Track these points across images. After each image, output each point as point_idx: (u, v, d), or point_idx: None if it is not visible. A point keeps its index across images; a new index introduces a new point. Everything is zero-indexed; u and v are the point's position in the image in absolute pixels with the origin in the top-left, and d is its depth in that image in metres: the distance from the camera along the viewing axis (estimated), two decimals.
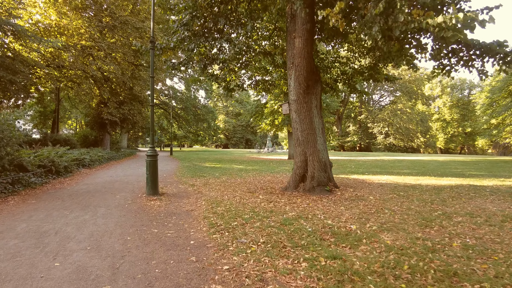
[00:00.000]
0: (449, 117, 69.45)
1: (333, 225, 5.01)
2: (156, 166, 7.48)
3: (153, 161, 7.41)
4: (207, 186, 9.43)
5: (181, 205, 6.56)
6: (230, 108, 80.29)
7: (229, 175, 12.69)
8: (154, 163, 7.43)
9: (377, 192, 8.46)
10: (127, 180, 10.93)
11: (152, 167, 7.37)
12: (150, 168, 7.35)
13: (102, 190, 8.46)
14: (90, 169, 14.73)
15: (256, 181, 10.89)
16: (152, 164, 7.38)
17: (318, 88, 8.89)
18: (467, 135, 69.69)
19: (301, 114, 8.61)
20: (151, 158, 7.40)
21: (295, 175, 8.79)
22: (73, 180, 10.66)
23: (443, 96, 70.45)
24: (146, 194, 7.50)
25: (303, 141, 8.64)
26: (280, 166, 18.11)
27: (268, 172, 14.00)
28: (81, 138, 27.19)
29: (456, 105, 70.43)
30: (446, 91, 71.13)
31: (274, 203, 6.79)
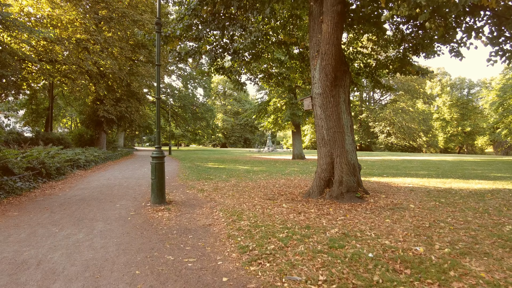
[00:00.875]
0: (448, 116, 68.84)
1: (395, 248, 3.94)
2: (163, 170, 6.37)
3: (159, 164, 6.30)
4: (218, 191, 8.33)
5: (195, 217, 5.46)
6: (229, 106, 79.13)
7: (237, 178, 11.59)
8: (160, 166, 6.32)
9: (414, 199, 7.42)
10: (127, 183, 9.79)
11: (159, 171, 6.26)
12: (156, 173, 6.23)
13: (99, 197, 7.32)
14: (85, 170, 13.56)
15: (270, 184, 9.81)
16: (158, 168, 6.27)
17: (347, 80, 7.82)
18: (466, 135, 69.18)
19: (327, 109, 7.55)
20: (157, 160, 6.29)
21: (319, 180, 7.73)
22: (66, 184, 9.50)
23: (442, 95, 69.84)
24: (151, 203, 6.39)
25: (329, 140, 7.57)
26: (287, 167, 17.04)
27: (279, 174, 12.93)
28: (76, 137, 25.98)
29: (455, 104, 69.89)
30: (446, 90, 70.54)
31: (304, 215, 5.71)
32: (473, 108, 71.81)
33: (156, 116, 6.29)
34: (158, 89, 6.36)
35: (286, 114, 23.19)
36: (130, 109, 24.92)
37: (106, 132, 24.95)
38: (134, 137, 63.21)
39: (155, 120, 34.72)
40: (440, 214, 5.80)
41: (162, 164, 6.34)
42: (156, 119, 6.31)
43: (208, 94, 50.05)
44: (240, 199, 7.18)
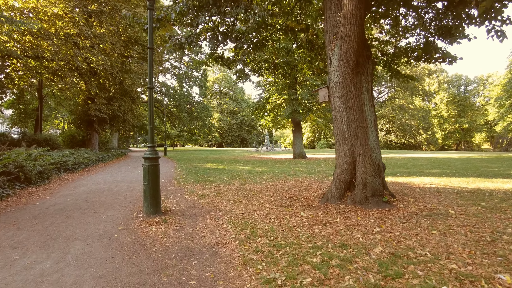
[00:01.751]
0: (446, 113, 68.38)
1: (470, 275, 2.93)
2: (158, 174, 5.31)
3: (153, 167, 5.23)
4: (221, 196, 7.27)
5: (198, 232, 4.41)
6: (225, 106, 78.00)
7: (240, 180, 10.55)
8: (154, 170, 5.25)
9: (448, 202, 6.44)
10: (118, 188, 8.70)
11: (152, 176, 5.20)
12: (150, 177, 5.17)
13: (83, 206, 6.23)
14: (73, 173, 12.43)
15: (278, 187, 8.77)
16: (152, 172, 5.20)
17: (370, 67, 6.82)
18: (464, 132, 68.79)
19: (347, 100, 6.53)
20: (151, 162, 5.22)
21: (339, 182, 6.71)
22: (48, 189, 8.39)
23: (440, 92, 69.36)
24: (144, 213, 5.32)
25: (350, 136, 6.56)
26: (291, 167, 16.02)
27: (284, 175, 11.90)
28: (68, 138, 24.77)
29: (453, 101, 69.51)
30: (443, 87, 70.09)
31: (331, 227, 4.69)
32: (470, 105, 71.55)
33: (148, 111, 5.23)
34: (150, 77, 5.29)
35: (286, 111, 22.16)
36: (123, 108, 23.76)
37: (98, 132, 23.77)
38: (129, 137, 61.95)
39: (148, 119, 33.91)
40: (493, 223, 4.81)
41: (156, 166, 5.28)
42: (149, 113, 5.25)
43: (204, 93, 48.91)
44: (248, 206, 6.13)
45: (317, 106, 24.07)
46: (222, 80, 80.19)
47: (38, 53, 17.28)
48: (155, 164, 5.26)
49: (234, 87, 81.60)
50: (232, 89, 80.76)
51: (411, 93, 55.11)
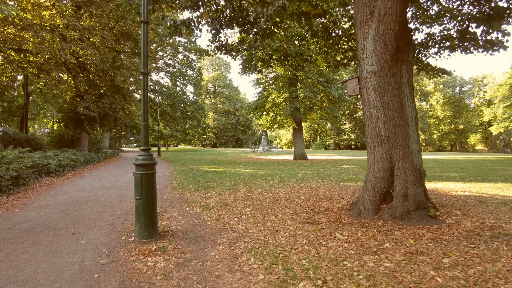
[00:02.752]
0: (441, 114, 68.06)
1: None
2: (154, 185, 4.08)
3: (147, 176, 4.01)
4: (229, 209, 6.07)
5: (210, 270, 3.21)
6: (219, 105, 76.64)
7: (245, 185, 9.36)
8: (149, 180, 4.03)
9: (507, 217, 5.33)
10: (106, 197, 7.43)
11: (147, 188, 3.97)
12: (143, 190, 3.94)
13: (58, 223, 4.96)
14: (57, 177, 11.11)
15: (293, 195, 7.60)
16: (146, 183, 3.98)
17: (410, 54, 5.69)
18: (459, 133, 68.57)
19: (385, 94, 5.40)
20: (144, 170, 3.99)
21: (373, 192, 5.56)
22: (21, 198, 7.09)
23: (435, 93, 69.03)
24: (136, 237, 4.08)
25: (388, 137, 5.43)
26: (295, 169, 14.87)
27: (292, 179, 10.75)
28: (56, 138, 23.24)
29: (448, 102, 69.29)
30: (439, 88, 69.82)
31: (384, 256, 3.53)
32: (465, 106, 71.42)
33: (142, 104, 4.01)
34: (145, 59, 4.05)
35: (287, 110, 21.00)
36: (115, 106, 22.34)
37: (87, 132, 22.32)
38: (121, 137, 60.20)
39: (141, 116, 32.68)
40: None
41: (151, 176, 4.05)
42: (143, 107, 4.02)
43: (199, 92, 47.55)
44: (267, 224, 4.95)
45: (319, 104, 22.99)
46: (217, 79, 78.83)
47: (20, 45, 15.85)
48: (150, 172, 4.03)
49: (229, 86, 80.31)
50: (226, 88, 79.45)
51: None
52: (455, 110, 69.17)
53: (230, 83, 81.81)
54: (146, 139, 4.10)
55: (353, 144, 60.18)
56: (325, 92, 21.66)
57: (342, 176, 11.85)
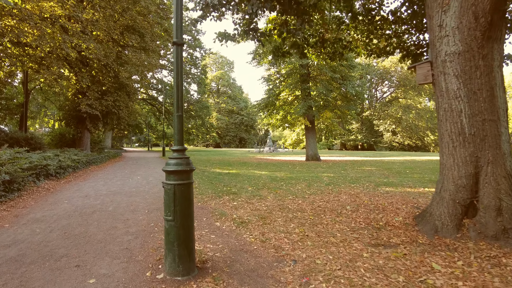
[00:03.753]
0: None
1: None
2: (191, 201, 2.93)
3: (183, 187, 2.85)
4: (270, 224, 4.91)
5: None
6: (223, 105, 75.46)
7: (270, 190, 8.21)
8: (185, 193, 2.87)
9: None
10: (114, 206, 6.27)
11: (182, 205, 2.82)
12: (177, 207, 2.79)
13: (58, 248, 3.79)
14: (57, 180, 9.97)
15: (335, 204, 6.44)
16: (181, 196, 2.83)
17: (503, 30, 4.53)
18: None
19: (472, 80, 4.27)
20: (179, 179, 2.83)
21: (453, 204, 4.42)
22: (14, 208, 5.94)
23: None
24: (167, 273, 2.91)
25: (474, 136, 4.31)
26: (315, 171, 13.71)
27: (320, 184, 9.60)
28: (57, 137, 22.19)
29: None
30: None
31: None
32: None
33: (175, 86, 2.86)
34: (178, 24, 2.91)
35: (301, 108, 19.81)
36: (119, 103, 21.18)
37: (90, 130, 21.18)
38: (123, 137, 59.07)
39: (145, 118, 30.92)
40: None
41: (188, 187, 2.89)
42: (176, 90, 2.88)
43: (203, 90, 46.40)
44: (330, 248, 3.79)
45: (334, 102, 21.84)
46: (220, 78, 77.70)
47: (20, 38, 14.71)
48: (187, 182, 2.88)
49: (232, 85, 79.17)
50: (230, 88, 78.31)
51: (418, 92, 53.12)
52: None
53: (234, 82, 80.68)
54: (181, 136, 2.95)
55: (359, 144, 58.94)
56: (341, 89, 20.49)
57: (373, 180, 10.69)
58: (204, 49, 44.28)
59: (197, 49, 44.12)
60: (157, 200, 6.87)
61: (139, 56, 19.83)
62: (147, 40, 20.18)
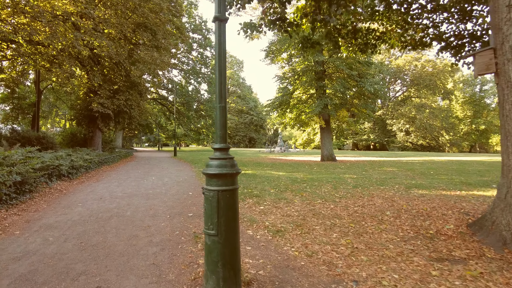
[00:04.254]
0: (461, 114, 65.26)
1: None
2: (237, 210, 2.40)
3: (228, 193, 2.32)
4: (309, 233, 4.37)
5: None
6: (232, 104, 74.99)
7: (295, 193, 7.66)
8: (231, 200, 2.35)
9: None
10: (132, 211, 5.79)
11: (227, 216, 2.30)
12: (222, 218, 2.27)
13: (74, 261, 3.30)
14: (70, 181, 9.58)
15: (372, 210, 5.86)
16: (226, 206, 2.31)
17: None
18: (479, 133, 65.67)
19: None
20: (223, 185, 2.31)
21: None
22: (25, 212, 5.50)
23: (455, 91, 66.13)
24: None
25: None
26: (335, 172, 13.10)
27: (344, 185, 9.02)
28: (68, 137, 21.98)
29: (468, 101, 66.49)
30: (458, 86, 66.80)
31: None
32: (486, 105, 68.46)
33: (217, 73, 2.34)
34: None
35: (317, 107, 19.19)
36: (130, 102, 20.84)
37: (101, 130, 20.89)
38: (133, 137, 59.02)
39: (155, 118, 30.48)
40: None
41: (233, 194, 2.37)
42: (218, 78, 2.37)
43: (214, 90, 45.89)
44: (389, 263, 3.23)
45: (350, 101, 21.18)
46: (230, 78, 77.27)
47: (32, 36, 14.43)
48: (232, 188, 2.35)
49: (241, 85, 78.71)
50: (239, 87, 77.87)
51: (433, 91, 51.89)
52: (475, 110, 66.26)
53: (243, 82, 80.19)
54: (224, 131, 2.42)
55: (371, 144, 57.89)
56: (358, 87, 19.81)
57: (400, 181, 10.05)
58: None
59: (207, 48, 43.74)
60: (176, 203, 6.37)
61: (151, 54, 19.44)
62: (159, 37, 19.80)
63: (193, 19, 41.10)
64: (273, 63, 23.69)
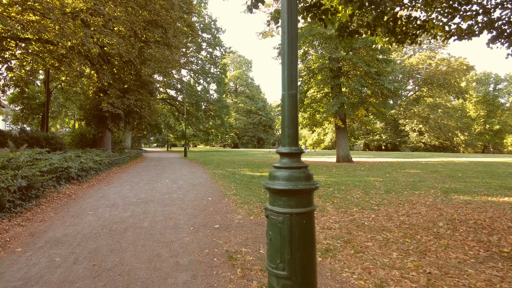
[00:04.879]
0: (474, 113, 63.66)
1: None
2: (314, 240, 1.71)
3: (302, 218, 1.64)
4: (364, 252, 3.66)
5: None
6: (241, 104, 74.39)
7: (324, 199, 6.96)
8: (307, 227, 1.66)
9: None
10: (150, 221, 5.15)
11: (303, 250, 1.62)
12: (296, 253, 1.60)
13: None
14: (79, 184, 9.01)
15: (421, 220, 5.13)
16: (301, 235, 1.63)
17: None
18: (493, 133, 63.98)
19: None
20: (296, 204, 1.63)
21: None
22: (28, 223, 4.89)
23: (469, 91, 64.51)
24: None
25: None
26: (355, 175, 12.35)
27: (374, 189, 8.28)
28: (77, 137, 21.60)
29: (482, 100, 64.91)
30: (471, 85, 65.11)
31: None
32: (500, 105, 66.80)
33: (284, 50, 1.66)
34: None
35: (334, 106, 18.41)
36: (141, 102, 20.29)
37: (111, 130, 20.39)
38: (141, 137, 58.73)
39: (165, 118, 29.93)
40: None
41: (311, 217, 1.68)
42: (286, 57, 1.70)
43: (223, 90, 45.39)
44: None
45: (368, 100, 20.34)
46: (238, 77, 76.77)
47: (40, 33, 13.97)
48: (309, 211, 1.67)
49: (250, 85, 78.06)
50: (248, 87, 77.21)
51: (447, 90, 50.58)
52: (489, 109, 64.65)
53: (252, 82, 79.51)
54: (295, 129, 1.75)
55: (383, 145, 56.73)
56: (376, 85, 18.98)
57: (431, 185, 9.27)
58: (224, 47, 43.35)
59: (217, 48, 43.20)
60: (197, 211, 5.72)
61: (162, 52, 18.85)
62: (169, 35, 19.22)
63: (202, 18, 40.58)
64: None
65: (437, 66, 51.66)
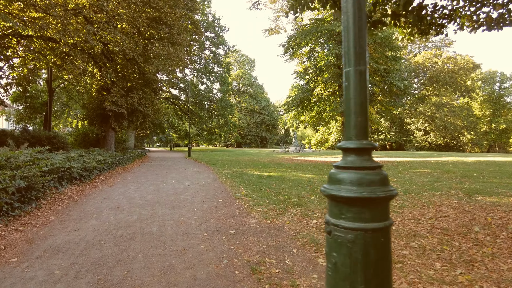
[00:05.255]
0: (479, 112, 62.89)
1: None
2: (391, 263, 1.30)
3: (377, 234, 1.23)
4: (399, 262, 3.26)
5: None
6: (244, 104, 73.98)
7: None
8: (384, 249, 1.24)
9: None
10: (158, 225, 4.75)
11: (380, 276, 1.22)
12: (374, 281, 1.17)
13: None
14: (82, 184, 8.64)
15: (453, 225, 4.72)
16: (380, 260, 1.21)
17: None
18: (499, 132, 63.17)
19: None
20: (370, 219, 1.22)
21: None
22: (27, 227, 4.50)
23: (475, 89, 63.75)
24: None
25: None
26: None
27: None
28: (80, 137, 21.30)
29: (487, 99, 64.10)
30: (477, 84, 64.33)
31: None
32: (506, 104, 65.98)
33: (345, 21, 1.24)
34: None
35: (340, 104, 17.99)
36: (144, 101, 19.91)
37: (114, 129, 20.04)
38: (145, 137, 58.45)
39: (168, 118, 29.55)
40: None
41: (387, 234, 1.28)
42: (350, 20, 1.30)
43: (227, 88, 44.98)
44: None
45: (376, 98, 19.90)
46: (241, 77, 76.37)
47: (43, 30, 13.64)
48: (387, 225, 1.27)
49: (253, 84, 77.66)
50: (251, 87, 76.80)
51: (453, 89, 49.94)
52: (494, 108, 63.84)
53: (255, 81, 79.10)
54: (364, 117, 1.34)
55: (388, 144, 56.15)
56: (385, 82, 18.54)
57: (449, 185, 8.83)
58: (228, 46, 42.93)
59: (220, 47, 42.80)
60: (209, 214, 5.32)
61: (167, 49, 18.46)
62: (174, 32, 18.83)
63: (206, 16, 40.19)
64: (292, 59, 22.56)
65: (443, 64, 51.03)
